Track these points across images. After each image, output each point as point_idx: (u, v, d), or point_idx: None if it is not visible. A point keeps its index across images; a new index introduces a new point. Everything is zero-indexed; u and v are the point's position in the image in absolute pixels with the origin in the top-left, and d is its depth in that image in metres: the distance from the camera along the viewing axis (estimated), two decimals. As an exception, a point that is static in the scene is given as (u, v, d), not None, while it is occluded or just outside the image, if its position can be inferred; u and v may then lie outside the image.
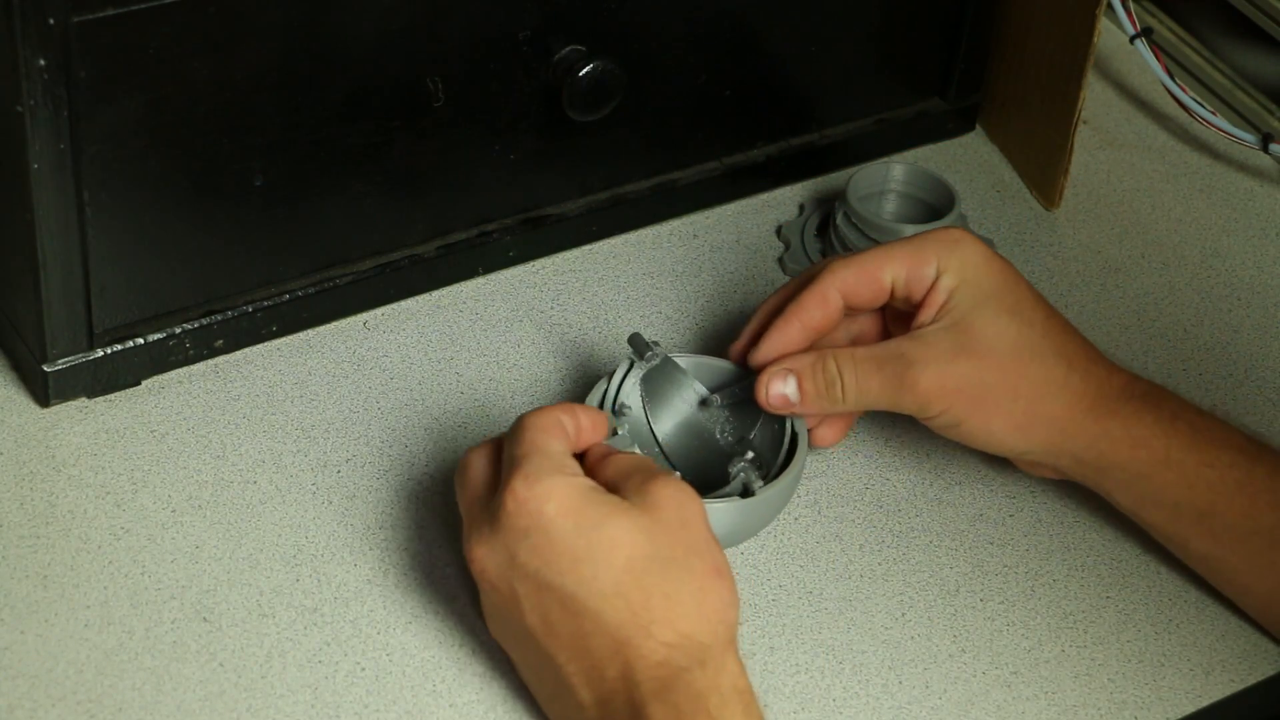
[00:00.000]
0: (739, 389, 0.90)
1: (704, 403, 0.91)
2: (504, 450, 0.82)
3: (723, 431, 0.91)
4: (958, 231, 0.90)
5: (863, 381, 0.88)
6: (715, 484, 0.87)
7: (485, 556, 0.80)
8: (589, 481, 0.80)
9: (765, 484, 0.86)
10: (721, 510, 0.85)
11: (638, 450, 0.85)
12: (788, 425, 0.89)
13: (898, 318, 0.92)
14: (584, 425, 0.83)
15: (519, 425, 0.82)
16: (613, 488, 0.80)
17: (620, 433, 0.85)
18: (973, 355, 0.88)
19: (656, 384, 0.91)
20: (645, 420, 0.91)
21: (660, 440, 0.91)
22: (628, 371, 0.90)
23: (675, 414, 0.91)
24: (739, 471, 0.87)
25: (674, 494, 0.79)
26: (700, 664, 0.76)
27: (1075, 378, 0.89)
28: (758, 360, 0.90)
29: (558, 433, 0.82)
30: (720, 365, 0.92)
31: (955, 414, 0.88)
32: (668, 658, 0.76)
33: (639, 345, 0.90)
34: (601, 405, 0.89)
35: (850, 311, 0.91)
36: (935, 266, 0.89)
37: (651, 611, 0.76)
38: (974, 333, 0.88)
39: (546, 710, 0.81)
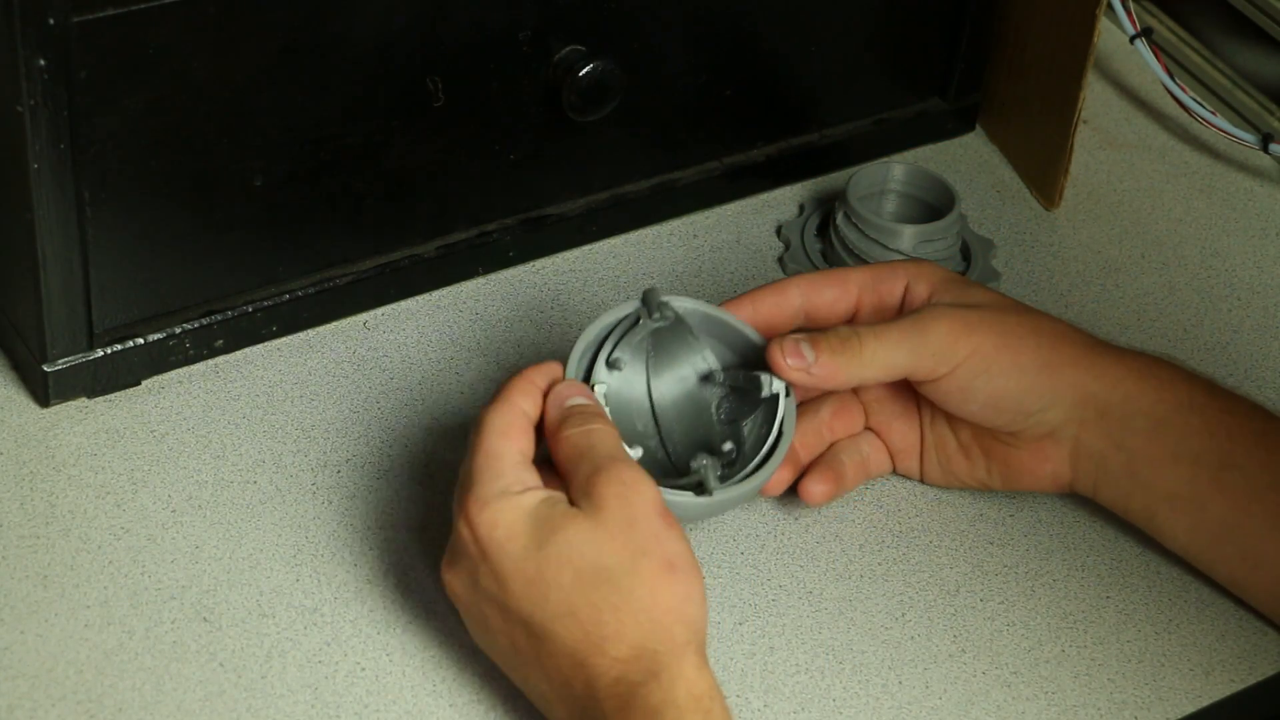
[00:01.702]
0: (744, 376, 0.89)
1: (707, 377, 0.90)
2: (467, 454, 0.81)
3: (718, 409, 0.89)
4: (918, 259, 0.93)
5: (881, 334, 0.87)
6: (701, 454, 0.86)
7: (452, 580, 0.81)
8: (536, 496, 0.79)
9: (724, 485, 0.84)
10: (669, 504, 0.82)
11: (605, 412, 0.84)
12: (775, 427, 0.87)
13: (876, 404, 0.93)
14: (554, 398, 0.83)
15: (478, 426, 0.81)
16: (564, 474, 0.80)
17: (597, 388, 0.85)
18: (984, 308, 0.89)
19: (666, 342, 0.89)
20: (645, 378, 0.89)
21: (655, 401, 0.90)
22: (632, 325, 0.88)
23: (678, 377, 0.90)
24: (699, 468, 0.84)
25: (619, 490, 0.78)
26: (654, 676, 0.75)
27: (1081, 334, 0.90)
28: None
29: (514, 433, 0.81)
30: (739, 329, 0.90)
31: (986, 351, 0.87)
32: (623, 674, 0.75)
33: (650, 302, 0.88)
34: (595, 357, 0.87)
35: (811, 321, 0.91)
36: (905, 274, 0.91)
37: (603, 627, 0.76)
38: (975, 299, 0.89)
39: (543, 714, 0.81)
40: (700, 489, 0.83)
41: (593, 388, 0.85)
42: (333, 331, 1.00)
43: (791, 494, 0.93)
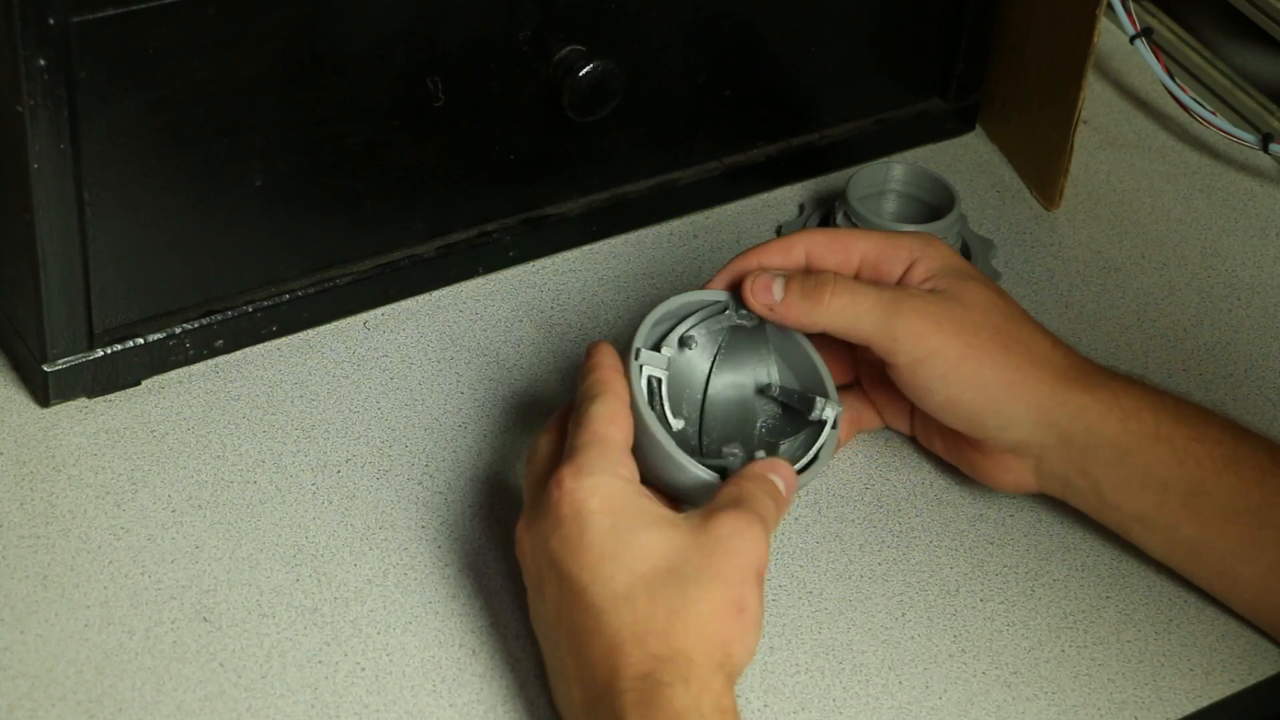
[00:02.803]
0: (799, 396, 0.89)
1: (764, 389, 0.90)
2: (568, 434, 0.82)
3: (763, 423, 0.90)
4: (930, 235, 0.93)
5: (856, 294, 0.87)
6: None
7: (525, 538, 0.81)
8: (637, 486, 0.80)
9: None
10: (679, 465, 0.84)
11: (663, 379, 0.85)
12: (812, 452, 0.87)
13: (868, 365, 0.94)
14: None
15: (585, 414, 0.82)
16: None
17: (664, 352, 0.85)
18: (966, 308, 0.88)
19: (741, 342, 0.90)
20: (709, 367, 0.90)
21: (709, 392, 0.90)
22: (715, 313, 0.89)
23: (738, 378, 0.90)
24: (730, 457, 0.85)
25: (738, 531, 0.79)
26: (684, 680, 0.75)
27: (1059, 353, 0.89)
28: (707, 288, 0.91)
29: (621, 422, 0.82)
30: (812, 359, 0.90)
31: (948, 357, 0.87)
32: (652, 670, 0.75)
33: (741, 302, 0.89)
34: (673, 329, 0.88)
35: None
36: (909, 254, 0.91)
37: (652, 622, 0.76)
38: (963, 295, 0.89)
39: (552, 692, 0.82)
40: (725, 475, 0.84)
41: (658, 350, 0.86)
42: (333, 331, 1.00)
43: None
